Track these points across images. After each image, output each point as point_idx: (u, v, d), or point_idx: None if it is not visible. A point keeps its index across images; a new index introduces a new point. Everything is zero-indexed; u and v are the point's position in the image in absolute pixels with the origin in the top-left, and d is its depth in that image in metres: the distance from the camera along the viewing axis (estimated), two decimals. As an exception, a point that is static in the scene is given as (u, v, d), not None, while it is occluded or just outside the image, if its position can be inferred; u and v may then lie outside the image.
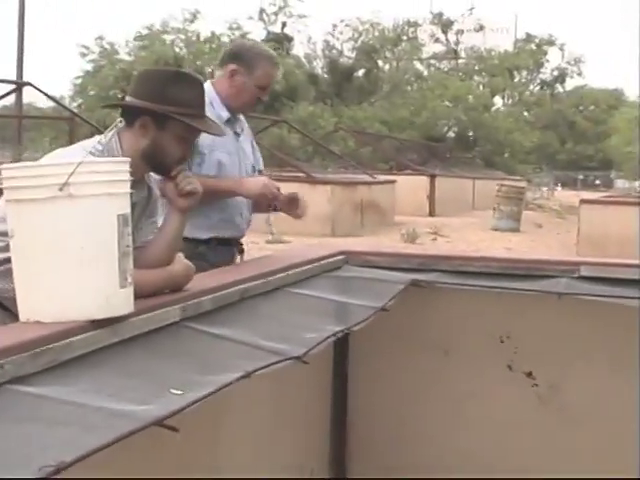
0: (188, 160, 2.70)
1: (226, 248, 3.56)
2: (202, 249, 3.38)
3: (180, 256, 2.66)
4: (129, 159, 2.25)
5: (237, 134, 3.56)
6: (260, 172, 3.75)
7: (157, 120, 2.51)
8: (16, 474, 1.35)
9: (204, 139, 3.13)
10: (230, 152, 3.50)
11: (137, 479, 2.26)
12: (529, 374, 3.72)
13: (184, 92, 2.54)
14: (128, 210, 2.16)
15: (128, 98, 2.58)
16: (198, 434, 2.66)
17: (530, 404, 3.73)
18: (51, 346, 1.93)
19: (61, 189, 2.03)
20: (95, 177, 2.08)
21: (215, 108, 3.41)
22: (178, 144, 2.55)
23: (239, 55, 3.46)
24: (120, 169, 2.17)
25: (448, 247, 15.41)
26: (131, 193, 2.20)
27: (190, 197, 2.58)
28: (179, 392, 1.88)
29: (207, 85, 3.39)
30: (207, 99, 3.33)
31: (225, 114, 3.46)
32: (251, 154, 3.69)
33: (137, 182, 2.40)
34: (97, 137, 2.47)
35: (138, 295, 2.27)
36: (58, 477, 1.39)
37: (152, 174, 2.68)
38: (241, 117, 3.67)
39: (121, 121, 2.39)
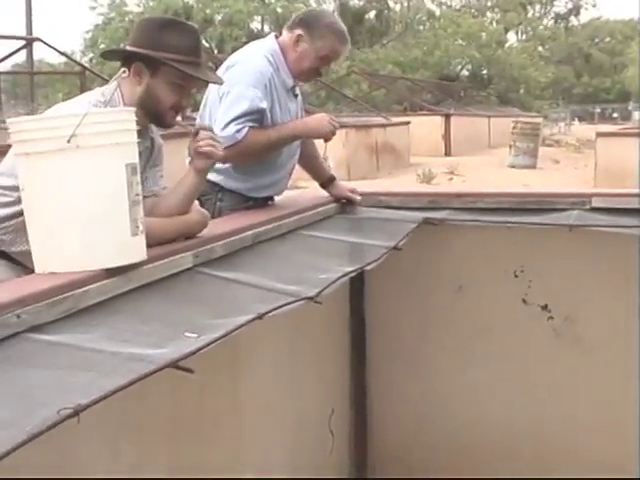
0: (186, 110, 2.67)
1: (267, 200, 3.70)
2: (250, 204, 3.52)
3: (195, 204, 2.68)
4: (134, 108, 2.26)
5: (296, 96, 3.61)
6: None
7: (150, 66, 2.51)
8: (35, 417, 1.39)
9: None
10: (292, 115, 3.58)
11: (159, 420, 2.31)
12: (544, 307, 3.75)
13: (177, 39, 2.52)
14: (136, 159, 2.18)
15: (127, 47, 2.59)
16: (219, 378, 2.71)
17: (546, 337, 3.76)
18: (67, 295, 1.96)
19: (69, 141, 2.05)
20: (101, 127, 2.10)
21: (281, 73, 3.48)
22: (172, 91, 2.54)
23: (308, 23, 3.50)
24: (126, 118, 2.19)
25: (465, 187, 15.34)
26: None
27: (206, 158, 2.59)
28: (194, 335, 1.91)
29: (275, 47, 3.48)
30: (274, 63, 3.45)
31: (290, 81, 3.53)
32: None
33: (140, 132, 2.41)
34: (100, 89, 2.48)
35: (155, 243, 2.31)
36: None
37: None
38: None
39: (124, 71, 2.40)
